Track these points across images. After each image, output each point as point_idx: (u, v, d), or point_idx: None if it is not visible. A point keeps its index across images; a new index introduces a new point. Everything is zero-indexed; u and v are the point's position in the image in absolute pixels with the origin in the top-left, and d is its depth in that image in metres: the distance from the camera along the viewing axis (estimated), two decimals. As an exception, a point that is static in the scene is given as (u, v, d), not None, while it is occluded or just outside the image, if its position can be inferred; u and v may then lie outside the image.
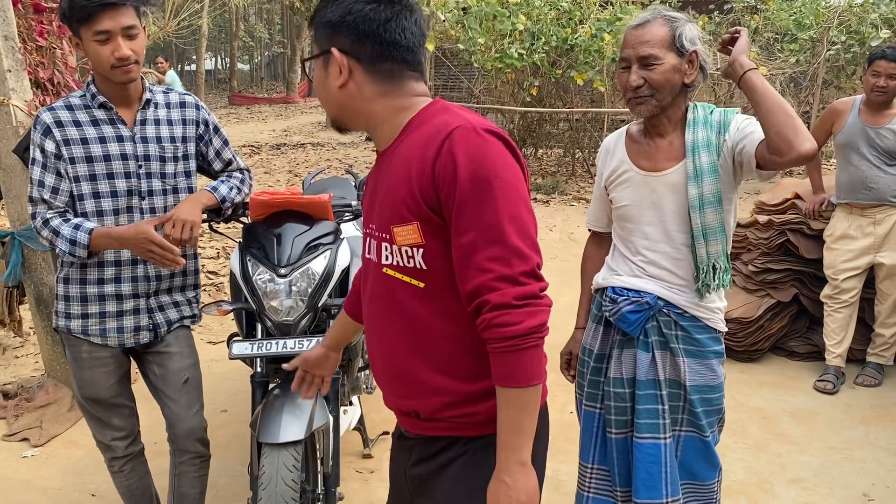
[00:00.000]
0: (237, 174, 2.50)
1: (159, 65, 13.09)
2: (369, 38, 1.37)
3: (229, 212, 2.45)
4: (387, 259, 1.42)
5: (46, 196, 2.17)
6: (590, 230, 2.42)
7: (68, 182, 2.18)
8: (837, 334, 4.07)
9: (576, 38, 9.51)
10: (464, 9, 9.78)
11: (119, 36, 2.06)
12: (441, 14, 10.10)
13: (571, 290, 2.39)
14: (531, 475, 1.35)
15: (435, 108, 1.42)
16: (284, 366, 2.08)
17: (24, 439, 3.50)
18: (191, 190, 2.36)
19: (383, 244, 1.42)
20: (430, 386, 1.44)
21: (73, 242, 2.14)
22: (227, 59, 39.35)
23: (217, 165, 2.48)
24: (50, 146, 2.16)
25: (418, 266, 1.38)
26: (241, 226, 2.60)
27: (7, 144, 3.49)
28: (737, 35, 2.01)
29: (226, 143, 2.50)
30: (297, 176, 11.01)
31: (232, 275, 2.58)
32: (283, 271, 2.38)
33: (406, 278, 1.40)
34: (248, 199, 2.47)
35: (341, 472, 2.54)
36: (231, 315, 2.63)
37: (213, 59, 45.34)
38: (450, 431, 1.46)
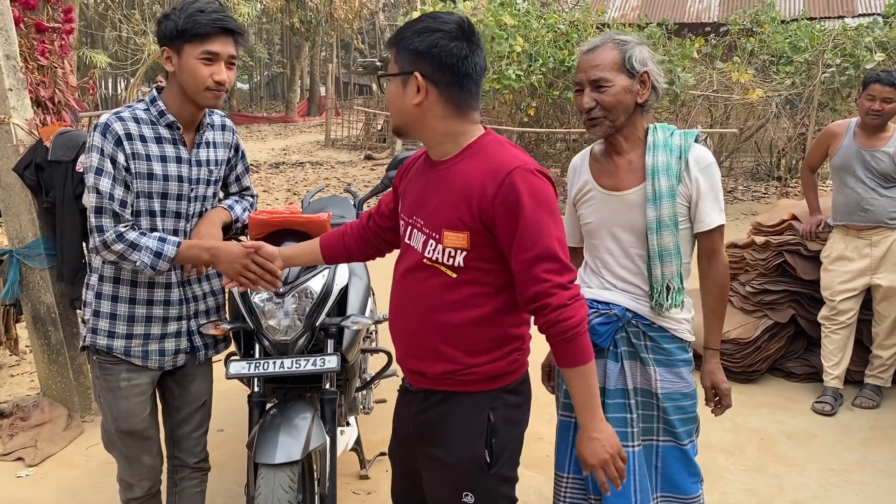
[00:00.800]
0: (249, 197, 2.54)
1: (159, 83, 13.15)
2: (449, 69, 1.69)
3: (236, 231, 2.47)
4: (429, 253, 1.76)
5: (117, 208, 2.10)
6: None
7: (133, 196, 2.15)
8: (835, 356, 4.07)
9: (573, 60, 9.59)
10: (462, 30, 9.86)
11: (223, 61, 2.11)
12: (440, 35, 10.17)
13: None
14: (609, 426, 1.76)
15: (489, 139, 1.77)
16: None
17: (19, 459, 3.48)
18: None
19: (430, 241, 1.76)
20: (440, 354, 1.78)
21: (158, 255, 2.10)
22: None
23: (234, 189, 2.51)
24: (121, 158, 2.10)
25: (456, 265, 1.73)
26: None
27: (7, 163, 3.51)
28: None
29: (247, 169, 2.53)
30: (295, 195, 11.03)
31: (230, 293, 2.58)
32: (280, 290, 2.38)
33: (442, 268, 1.76)
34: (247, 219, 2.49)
35: (338, 493, 2.52)
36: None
37: (213, 79, 45.46)
38: (448, 386, 1.81)
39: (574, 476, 2.25)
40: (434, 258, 1.75)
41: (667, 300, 2.10)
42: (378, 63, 17.75)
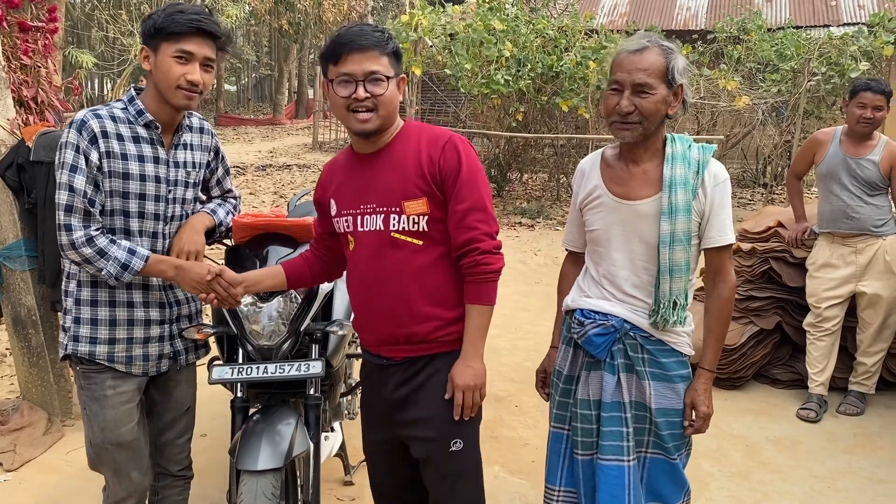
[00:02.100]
0: (231, 200, 2.51)
1: (142, 83, 13.05)
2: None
3: (220, 235, 2.44)
4: (394, 226, 2.01)
5: (89, 207, 2.08)
6: (566, 250, 2.42)
7: (104, 196, 2.13)
8: (820, 362, 4.08)
9: (561, 66, 9.63)
10: (451, 35, 9.89)
11: (198, 62, 2.10)
12: (429, 40, 10.18)
13: (555, 313, 2.43)
14: (483, 365, 2.06)
15: (413, 124, 2.12)
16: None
17: (-3, 463, 3.42)
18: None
19: (391, 215, 2.00)
20: (427, 314, 2.04)
21: (125, 267, 2.09)
22: (215, 81, 39.37)
23: (215, 192, 2.48)
24: (94, 156, 2.08)
25: (421, 229, 2.00)
26: (224, 248, 2.58)
27: (-12, 163, 3.45)
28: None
29: (227, 172, 2.51)
30: (282, 197, 10.98)
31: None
32: (264, 295, 2.35)
33: (409, 239, 2.01)
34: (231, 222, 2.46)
35: (322, 500, 2.49)
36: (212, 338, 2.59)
37: (201, 80, 45.27)
38: (431, 350, 2.07)
39: (566, 489, 2.22)
40: (400, 228, 2.00)
41: (673, 316, 2.05)
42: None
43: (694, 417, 2.11)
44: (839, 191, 3.92)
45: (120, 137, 2.12)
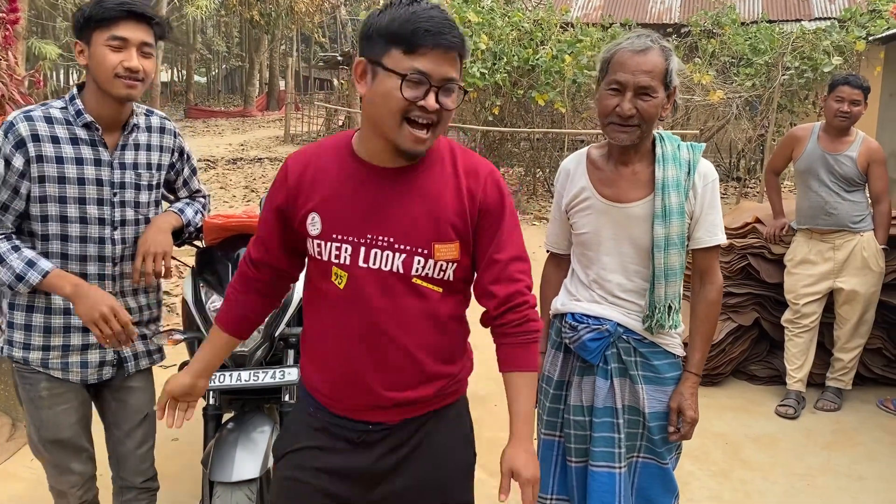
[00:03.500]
0: (201, 199, 2.41)
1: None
2: None
3: (190, 236, 2.34)
4: (417, 271, 1.59)
5: None
6: (548, 252, 2.35)
7: (22, 202, 2.02)
8: (798, 359, 4.09)
9: (537, 59, 9.58)
10: (426, 27, 9.79)
11: (134, 48, 1.98)
12: (403, 31, 10.08)
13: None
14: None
15: (445, 141, 1.67)
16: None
17: (-42, 472, 3.30)
18: None
19: (416, 257, 1.58)
20: (440, 373, 1.67)
21: (19, 278, 1.97)
22: (184, 72, 38.80)
23: (183, 194, 2.38)
24: (18, 162, 1.98)
25: (447, 278, 1.62)
26: (195, 250, 2.48)
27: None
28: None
29: (194, 171, 2.40)
30: (253, 192, 10.83)
31: (184, 302, 2.45)
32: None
33: (431, 287, 1.62)
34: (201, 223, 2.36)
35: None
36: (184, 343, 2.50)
37: (170, 71, 44.68)
38: (435, 405, 1.70)
39: (558, 497, 2.18)
40: (423, 274, 1.59)
41: (668, 321, 2.00)
42: (339, 57, 17.54)
43: (680, 423, 2.07)
44: (817, 187, 3.92)
45: (55, 140, 2.01)
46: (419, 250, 1.58)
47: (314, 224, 1.62)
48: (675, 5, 17.08)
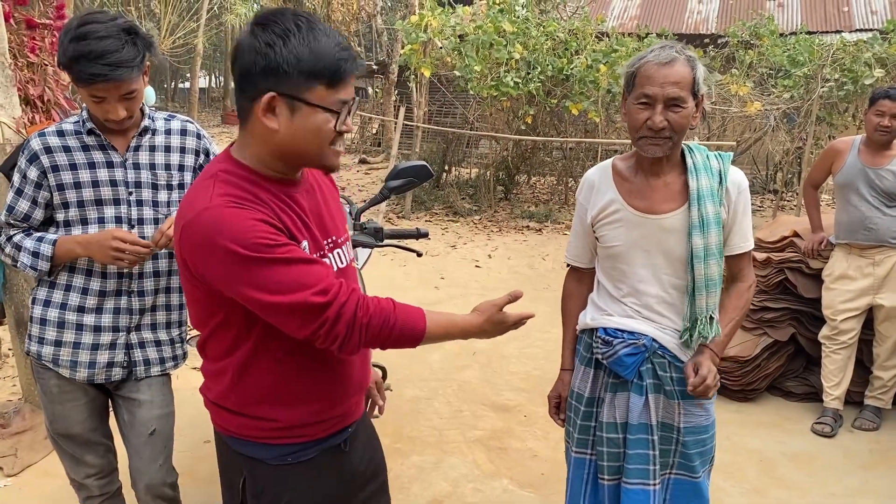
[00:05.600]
0: None
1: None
2: None
3: None
4: (355, 262, 1.71)
5: (12, 221, 2.15)
6: (569, 265, 2.30)
7: (41, 210, 2.14)
8: (835, 376, 4.00)
9: (571, 69, 9.54)
10: (460, 36, 9.81)
11: (116, 101, 2.02)
12: (438, 41, 10.12)
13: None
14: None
15: None
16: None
17: (-2, 468, 3.37)
18: None
19: (347, 246, 1.68)
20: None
21: (35, 255, 2.09)
22: (222, 78, 39.35)
23: None
24: (33, 174, 2.10)
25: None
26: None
27: (-8, 162, 3.40)
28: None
29: None
30: (288, 198, 10.90)
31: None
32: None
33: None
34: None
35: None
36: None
37: (208, 78, 45.34)
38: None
39: None
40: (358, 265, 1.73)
41: (711, 332, 1.98)
42: (374, 66, 17.67)
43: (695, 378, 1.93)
44: (857, 201, 3.85)
45: (67, 149, 2.11)
46: (345, 241, 1.70)
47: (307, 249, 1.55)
48: (712, 16, 16.90)
